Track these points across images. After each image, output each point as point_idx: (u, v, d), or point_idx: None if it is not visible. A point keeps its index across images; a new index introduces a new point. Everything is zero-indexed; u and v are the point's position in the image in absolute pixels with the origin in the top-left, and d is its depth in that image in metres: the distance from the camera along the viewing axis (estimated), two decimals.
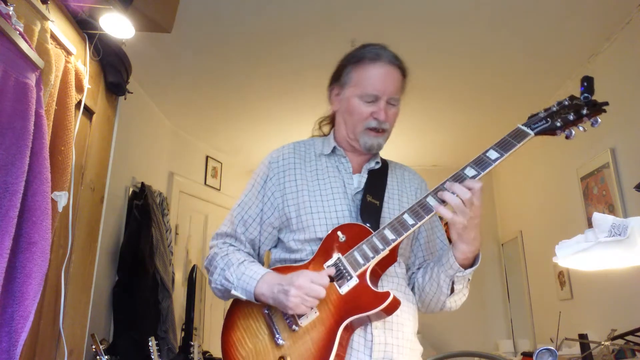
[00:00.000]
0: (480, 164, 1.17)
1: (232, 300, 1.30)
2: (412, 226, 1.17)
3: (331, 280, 1.18)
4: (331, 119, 1.51)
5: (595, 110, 1.16)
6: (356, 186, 1.36)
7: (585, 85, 1.18)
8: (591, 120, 1.17)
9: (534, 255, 4.05)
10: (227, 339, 1.26)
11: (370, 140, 1.33)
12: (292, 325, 1.19)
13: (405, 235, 1.18)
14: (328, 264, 1.22)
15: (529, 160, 3.95)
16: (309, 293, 1.13)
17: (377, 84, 1.30)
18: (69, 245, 1.79)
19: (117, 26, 1.93)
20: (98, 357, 2.00)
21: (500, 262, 4.82)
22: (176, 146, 4.14)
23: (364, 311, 1.15)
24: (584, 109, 1.16)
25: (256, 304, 1.24)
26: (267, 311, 1.23)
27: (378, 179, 1.38)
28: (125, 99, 2.31)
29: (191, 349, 2.71)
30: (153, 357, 2.23)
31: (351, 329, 1.19)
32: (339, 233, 1.24)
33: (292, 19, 2.71)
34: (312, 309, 1.16)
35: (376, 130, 1.32)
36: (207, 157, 4.53)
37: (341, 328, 1.15)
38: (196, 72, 3.28)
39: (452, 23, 2.73)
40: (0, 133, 1.27)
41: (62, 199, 1.61)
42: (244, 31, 2.80)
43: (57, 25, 1.71)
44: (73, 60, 1.81)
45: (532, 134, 1.18)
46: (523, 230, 4.26)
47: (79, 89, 1.85)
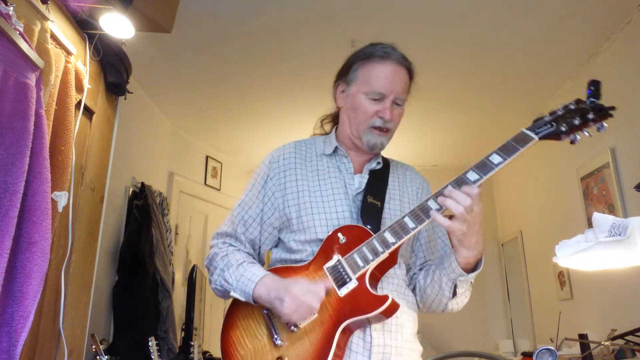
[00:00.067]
0: (483, 168, 1.16)
1: (232, 299, 1.30)
2: (413, 229, 1.17)
3: (328, 293, 1.18)
4: (333, 117, 1.50)
5: (602, 115, 1.13)
6: (357, 187, 1.35)
7: (592, 89, 1.15)
8: (597, 125, 1.14)
9: (534, 255, 4.05)
10: (227, 338, 1.27)
11: (374, 139, 1.32)
12: (291, 326, 1.19)
13: (405, 238, 1.18)
14: (328, 265, 1.22)
15: (529, 160, 3.95)
16: (304, 304, 1.13)
17: (384, 83, 1.29)
18: (69, 245, 1.79)
19: (117, 26, 1.93)
20: (98, 357, 2.00)
21: (500, 262, 4.82)
22: (176, 146, 4.14)
23: (363, 314, 1.15)
24: (590, 114, 1.13)
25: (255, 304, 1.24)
26: (266, 311, 1.23)
27: (379, 180, 1.38)
28: (125, 99, 2.31)
29: (191, 349, 2.71)
30: (153, 357, 2.23)
31: (349, 331, 1.19)
32: (339, 234, 1.24)
33: (292, 19, 2.71)
34: (305, 318, 1.16)
35: (380, 129, 1.31)
36: (207, 157, 4.53)
37: (339, 330, 1.15)
38: (196, 72, 3.29)
39: (452, 23, 2.73)
40: (0, 133, 1.27)
41: (62, 199, 1.61)
42: (244, 31, 2.80)
43: (57, 25, 1.71)
44: (73, 60, 1.81)
45: (536, 138, 1.16)
46: (523, 230, 4.26)
47: (79, 89, 1.85)
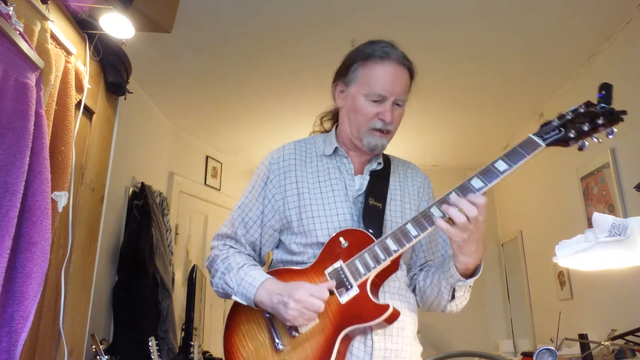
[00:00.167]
0: (488, 175, 1.13)
1: (234, 301, 1.30)
2: (415, 237, 1.16)
3: (332, 294, 1.18)
4: (333, 115, 1.48)
5: (612, 120, 1.08)
6: (358, 188, 1.34)
7: (604, 93, 1.08)
8: (607, 130, 1.09)
9: (534, 255, 4.05)
10: (229, 340, 1.26)
11: (375, 141, 1.30)
12: (292, 331, 1.19)
13: (407, 246, 1.17)
14: (329, 270, 1.22)
15: (529, 160, 3.94)
16: (308, 307, 1.13)
17: (384, 84, 1.26)
18: (69, 245, 1.79)
19: (117, 26, 1.93)
20: (98, 357, 2.00)
21: (500, 262, 4.82)
22: (176, 146, 4.14)
23: (363, 322, 1.15)
24: (599, 119, 1.08)
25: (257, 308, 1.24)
26: (268, 315, 1.23)
27: (380, 180, 1.37)
28: (125, 99, 2.31)
29: (191, 349, 2.71)
30: (153, 357, 2.23)
31: (350, 338, 1.19)
32: (341, 239, 1.23)
33: (292, 19, 2.71)
34: (310, 321, 1.16)
35: (381, 131, 1.29)
36: (207, 157, 4.53)
37: (340, 337, 1.15)
38: (196, 72, 3.28)
39: (452, 23, 2.73)
40: (0, 133, 1.27)
41: (62, 199, 1.61)
42: (244, 31, 2.80)
43: (57, 25, 1.71)
44: (73, 60, 1.81)
45: (544, 145, 1.13)
46: (523, 230, 4.26)
47: (79, 89, 1.85)
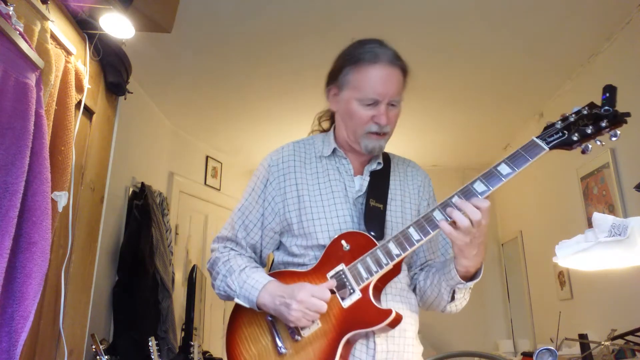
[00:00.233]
0: (491, 178, 1.12)
1: (235, 304, 1.30)
2: (418, 242, 1.16)
3: (333, 293, 1.18)
4: (331, 115, 1.47)
5: (616, 122, 1.06)
6: (358, 189, 1.34)
7: (608, 95, 1.06)
8: (610, 133, 1.07)
9: (534, 255, 4.05)
10: (232, 343, 1.26)
11: (372, 144, 1.29)
12: (295, 335, 1.18)
13: (410, 250, 1.17)
14: (331, 274, 1.21)
15: None
16: (311, 308, 1.13)
17: (377, 88, 1.24)
18: (69, 245, 1.79)
19: (117, 26, 1.93)
20: (98, 357, 2.00)
21: (500, 262, 4.82)
22: (176, 146, 4.14)
23: (366, 327, 1.15)
24: (603, 121, 1.07)
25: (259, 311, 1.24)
26: (270, 318, 1.23)
27: (380, 180, 1.36)
28: (125, 99, 2.31)
29: (191, 349, 2.71)
30: (153, 357, 2.23)
31: (353, 342, 1.19)
32: (342, 242, 1.23)
33: (292, 19, 2.71)
34: (313, 322, 1.16)
35: (377, 134, 1.28)
36: (207, 157, 4.53)
37: (342, 341, 1.15)
38: (196, 72, 3.28)
39: (452, 23, 2.73)
40: (0, 133, 1.27)
41: (62, 199, 1.61)
42: (244, 31, 2.80)
43: (57, 25, 1.71)
44: (73, 60, 1.81)
45: (547, 149, 1.11)
46: (523, 230, 4.26)
47: (79, 89, 1.85)
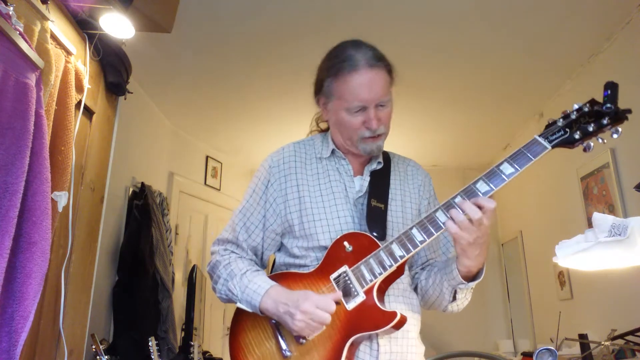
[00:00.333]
0: (493, 178, 1.12)
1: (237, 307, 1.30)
2: (421, 243, 1.16)
3: (337, 304, 1.17)
4: None
5: (617, 119, 1.06)
6: (358, 189, 1.33)
7: (609, 92, 1.06)
8: (612, 130, 1.07)
9: (534, 255, 4.05)
10: (236, 346, 1.26)
11: (369, 147, 1.28)
12: (299, 338, 1.18)
13: (413, 252, 1.16)
14: (334, 276, 1.21)
15: None
16: (315, 319, 1.12)
17: (361, 95, 1.21)
18: (69, 245, 1.79)
19: (117, 26, 1.93)
20: (98, 357, 2.00)
21: (500, 262, 4.82)
22: (176, 146, 4.14)
23: (371, 329, 1.15)
24: (605, 118, 1.06)
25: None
26: (274, 321, 1.22)
27: (381, 180, 1.36)
28: (125, 99, 2.31)
29: (191, 349, 2.71)
30: (153, 357, 2.23)
31: (357, 344, 1.19)
32: (345, 243, 1.22)
33: (292, 19, 2.71)
34: (315, 331, 1.16)
35: (372, 137, 1.27)
36: (207, 157, 4.53)
37: (347, 344, 1.15)
38: (196, 72, 3.28)
39: (452, 23, 2.73)
40: (0, 133, 1.27)
41: (62, 199, 1.61)
42: (244, 31, 2.80)
43: (57, 25, 1.71)
44: (73, 60, 1.81)
45: (549, 147, 1.11)
46: (523, 230, 4.26)
47: (79, 89, 1.85)
